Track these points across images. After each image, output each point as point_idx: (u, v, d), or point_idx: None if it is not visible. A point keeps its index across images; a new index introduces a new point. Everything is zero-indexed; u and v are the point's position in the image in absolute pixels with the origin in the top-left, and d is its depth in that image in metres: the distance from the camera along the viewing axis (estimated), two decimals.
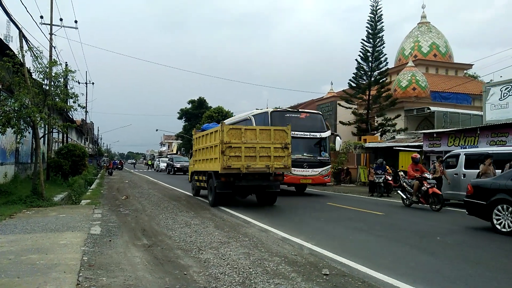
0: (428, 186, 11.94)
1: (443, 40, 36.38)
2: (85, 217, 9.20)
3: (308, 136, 16.13)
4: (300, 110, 18.89)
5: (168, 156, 62.20)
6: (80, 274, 4.78)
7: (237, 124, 18.25)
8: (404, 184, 13.14)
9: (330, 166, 16.98)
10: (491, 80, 21.26)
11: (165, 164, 47.21)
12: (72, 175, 20.48)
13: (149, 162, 73.44)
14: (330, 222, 9.62)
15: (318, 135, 16.41)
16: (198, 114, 69.24)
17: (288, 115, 16.53)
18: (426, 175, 12.30)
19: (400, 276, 4.92)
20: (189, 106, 73.16)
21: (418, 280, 4.82)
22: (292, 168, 13.49)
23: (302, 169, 15.69)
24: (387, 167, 18.37)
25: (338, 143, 17.71)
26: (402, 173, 19.61)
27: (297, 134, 15.19)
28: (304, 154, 15.99)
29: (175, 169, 39.59)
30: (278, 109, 17.51)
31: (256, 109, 18.12)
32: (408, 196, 12.88)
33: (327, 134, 16.77)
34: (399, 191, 13.49)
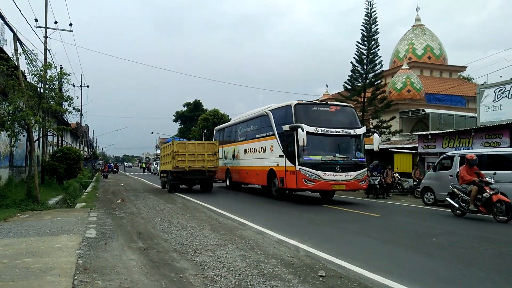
0: (492, 193, 10.03)
1: (437, 43, 36.62)
2: (80, 221, 9.16)
3: (341, 134, 13.81)
4: (329, 102, 15.90)
5: None
6: (75, 277, 4.76)
7: (251, 121, 18.35)
8: (456, 190, 11.02)
9: (366, 169, 14.52)
10: (485, 82, 21.43)
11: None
12: (67, 178, 20.40)
13: (143, 165, 73.29)
14: (325, 223, 9.63)
15: (351, 132, 14.03)
16: (193, 117, 69.17)
17: (315, 108, 14.41)
18: (487, 179, 10.34)
19: (396, 277, 4.93)
20: (184, 108, 73.09)
21: (414, 281, 4.83)
22: (322, 172, 13.00)
23: (335, 173, 13.25)
24: (388, 169, 18.49)
25: (377, 141, 14.82)
26: (397, 174, 19.78)
27: (327, 131, 13.46)
28: (336, 155, 13.65)
29: None
30: (303, 102, 14.61)
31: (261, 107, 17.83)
32: (462, 204, 10.75)
33: (362, 131, 14.32)
34: (447, 199, 11.39)
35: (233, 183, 20.51)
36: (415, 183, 17.65)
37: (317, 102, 15.86)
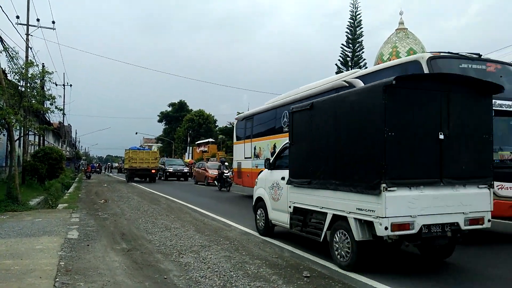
0: None
1: (420, 46, 37.16)
2: (62, 221, 9.01)
3: None
4: (485, 58, 8.62)
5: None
6: (57, 279, 4.68)
7: (327, 94, 9.49)
8: None
9: None
10: None
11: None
12: (48, 178, 20.07)
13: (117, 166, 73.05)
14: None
15: None
16: (178, 117, 68.85)
17: (464, 65, 8.01)
18: None
19: (379, 277, 4.98)
20: (169, 109, 72.67)
21: (398, 281, 4.89)
22: (498, 185, 7.02)
23: None
24: None
25: None
26: None
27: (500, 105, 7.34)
28: None
29: (167, 174, 33.25)
30: (441, 54, 8.11)
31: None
32: None
33: None
34: None
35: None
36: None
37: (461, 55, 8.21)
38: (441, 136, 5.17)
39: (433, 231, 5.07)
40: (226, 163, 22.25)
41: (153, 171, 29.33)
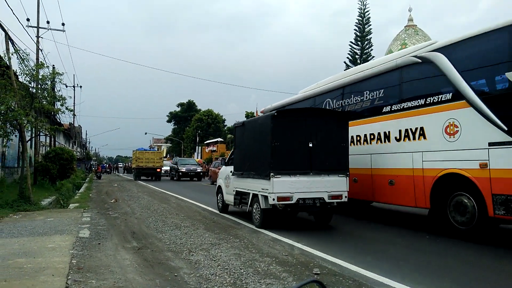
0: None
1: None
2: (73, 221, 9.10)
3: None
4: None
5: (164, 157, 61.68)
6: (69, 277, 4.73)
7: (389, 74, 8.97)
8: None
9: None
10: None
11: (166, 168, 40.42)
12: (60, 179, 20.27)
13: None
14: (319, 223, 9.64)
15: None
16: (187, 117, 69.08)
17: None
18: None
19: (390, 274, 4.95)
20: (178, 109, 72.94)
21: (407, 277, 4.86)
22: None
23: None
24: None
25: None
26: None
27: None
28: None
29: (180, 174, 32.06)
30: None
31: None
32: None
33: None
34: None
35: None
36: None
37: None
38: (310, 145, 8.13)
39: (306, 202, 8.10)
40: None
41: (158, 170, 32.91)
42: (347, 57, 27.86)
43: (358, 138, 9.92)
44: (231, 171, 10.27)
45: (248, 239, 7.27)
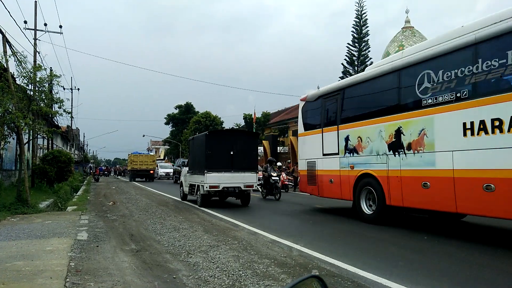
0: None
1: None
2: (71, 223, 9.08)
3: None
4: None
5: (163, 159, 61.48)
6: (67, 279, 4.71)
7: (460, 53, 7.15)
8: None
9: None
10: None
11: (168, 171, 39.88)
12: (57, 181, 20.20)
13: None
14: (318, 224, 9.65)
15: None
16: (185, 119, 68.94)
17: None
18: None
19: (389, 275, 4.96)
20: (176, 111, 72.76)
21: (406, 278, 4.86)
22: None
23: None
24: None
25: None
26: None
27: None
28: None
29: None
30: None
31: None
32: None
33: None
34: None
35: (386, 209, 9.00)
36: None
37: None
38: (232, 152, 12.81)
39: (229, 189, 12.77)
40: (279, 163, 19.43)
41: (151, 171, 36.68)
42: (345, 59, 27.94)
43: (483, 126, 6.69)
44: (187, 171, 15.16)
45: (246, 240, 7.27)
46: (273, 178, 16.14)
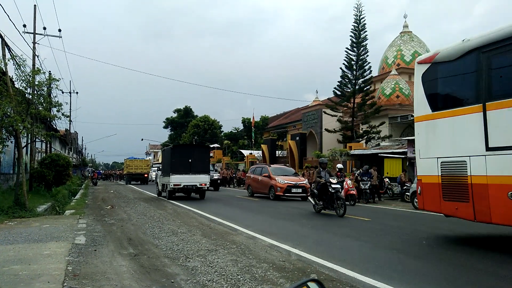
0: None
1: (425, 49, 37.09)
2: (69, 227, 9.05)
3: None
4: None
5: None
6: (65, 284, 4.69)
7: None
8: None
9: None
10: None
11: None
12: (56, 185, 20.16)
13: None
14: (317, 228, 9.64)
15: None
16: (184, 123, 68.97)
17: None
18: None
19: (387, 279, 4.95)
20: (175, 115, 72.80)
21: (405, 283, 4.86)
22: None
23: None
24: (373, 169, 18.44)
25: None
26: (387, 179, 19.93)
27: None
28: None
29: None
30: None
31: None
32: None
33: None
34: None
35: None
36: (405, 187, 17.77)
37: None
38: (190, 160, 17.68)
39: (188, 187, 17.74)
40: (339, 165, 16.41)
41: (145, 175, 39.15)
42: (343, 63, 27.95)
43: None
44: (160, 174, 20.70)
45: (245, 245, 7.25)
46: (333, 186, 11.86)
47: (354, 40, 27.45)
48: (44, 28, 22.23)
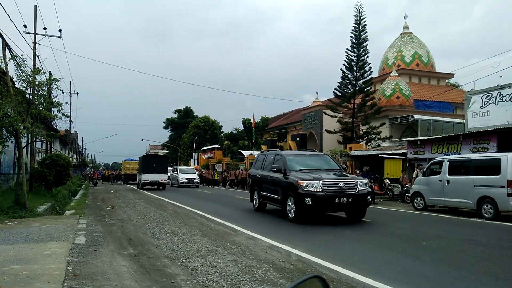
0: None
1: (425, 50, 37.16)
2: (69, 227, 9.04)
3: None
4: None
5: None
6: (65, 284, 4.70)
7: None
8: None
9: None
10: (472, 89, 21.71)
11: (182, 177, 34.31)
12: (56, 185, 20.14)
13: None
14: (316, 229, 9.64)
15: None
16: (184, 123, 68.97)
17: None
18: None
19: (387, 280, 4.96)
20: (175, 115, 72.79)
21: (404, 284, 4.87)
22: None
23: None
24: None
25: None
26: (387, 180, 19.91)
27: None
28: None
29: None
30: None
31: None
32: None
33: None
34: None
35: None
36: (405, 188, 17.76)
37: None
38: (155, 165, 28.68)
39: (153, 182, 28.41)
40: (367, 167, 17.62)
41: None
42: (344, 64, 27.95)
43: None
44: (139, 173, 29.64)
45: (245, 245, 7.25)
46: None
47: (354, 41, 27.46)
48: (45, 28, 22.22)
